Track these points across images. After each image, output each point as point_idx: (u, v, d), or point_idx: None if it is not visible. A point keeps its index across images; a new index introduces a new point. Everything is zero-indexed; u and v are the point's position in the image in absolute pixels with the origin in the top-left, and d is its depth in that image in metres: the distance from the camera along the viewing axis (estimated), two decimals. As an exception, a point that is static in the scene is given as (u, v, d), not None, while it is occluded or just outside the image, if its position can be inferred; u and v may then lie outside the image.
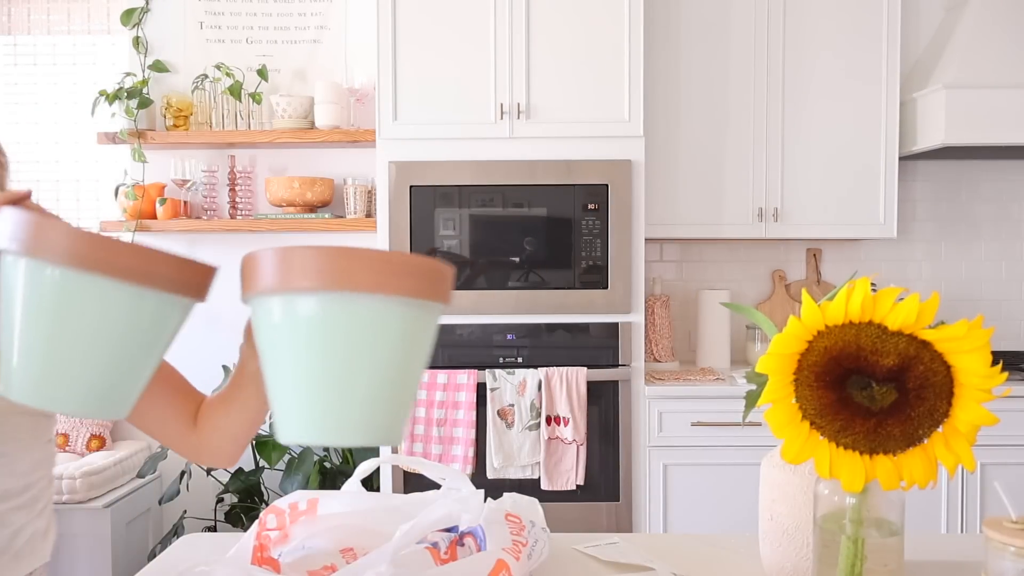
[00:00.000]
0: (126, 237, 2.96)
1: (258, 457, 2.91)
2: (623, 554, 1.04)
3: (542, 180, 2.66)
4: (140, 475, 2.91)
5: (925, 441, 0.71)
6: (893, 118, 2.92)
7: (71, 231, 0.66)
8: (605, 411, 2.68)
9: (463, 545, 0.88)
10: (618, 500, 2.68)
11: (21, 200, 0.75)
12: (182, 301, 0.73)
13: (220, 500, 3.02)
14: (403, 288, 0.65)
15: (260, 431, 2.95)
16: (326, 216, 3.03)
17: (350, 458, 2.96)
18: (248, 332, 0.87)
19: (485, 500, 0.93)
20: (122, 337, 0.70)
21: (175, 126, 3.10)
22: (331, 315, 0.64)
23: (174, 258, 0.70)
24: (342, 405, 0.65)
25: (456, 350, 2.68)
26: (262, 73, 3.09)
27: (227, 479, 2.93)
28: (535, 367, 2.64)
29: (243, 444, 1.01)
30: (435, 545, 0.85)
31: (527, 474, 2.63)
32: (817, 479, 0.80)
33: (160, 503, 2.99)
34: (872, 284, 0.71)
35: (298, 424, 0.66)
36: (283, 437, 0.67)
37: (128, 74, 3.11)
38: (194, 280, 0.73)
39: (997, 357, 0.69)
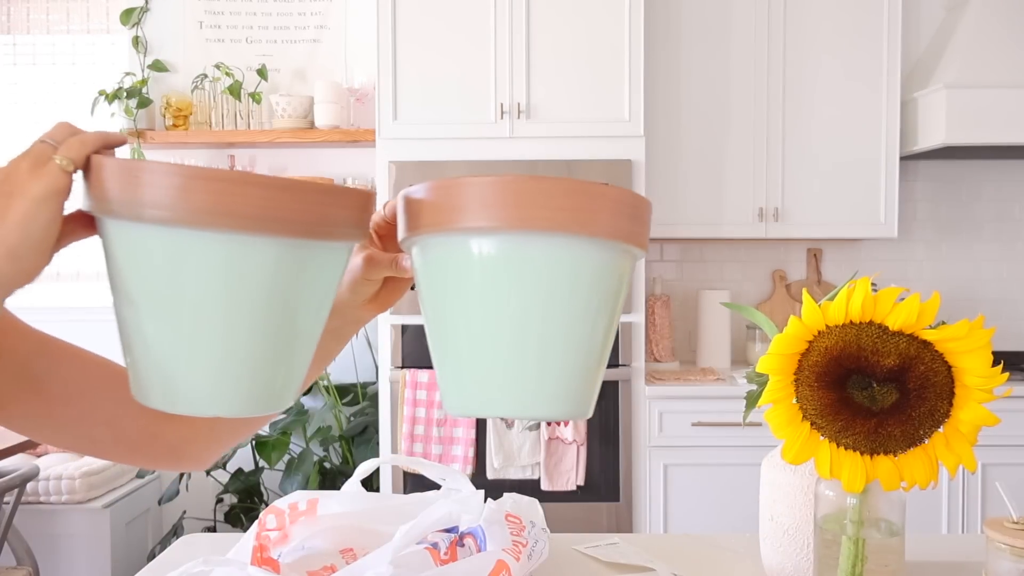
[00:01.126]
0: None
1: (258, 457, 2.91)
2: (623, 555, 1.04)
3: (542, 180, 2.65)
4: (139, 475, 2.91)
5: (926, 441, 0.71)
6: (894, 118, 2.91)
7: (182, 176, 0.49)
8: (605, 411, 2.68)
9: (463, 546, 0.88)
10: (618, 500, 2.68)
11: (116, 145, 0.57)
12: (347, 247, 0.58)
13: (220, 500, 3.02)
14: (633, 234, 0.55)
15: (259, 431, 2.95)
16: (326, 216, 3.03)
17: (350, 458, 2.96)
18: (354, 281, 0.69)
19: (485, 500, 0.92)
20: (275, 305, 0.54)
21: (175, 126, 3.10)
22: (560, 260, 0.53)
23: (334, 191, 0.54)
24: (550, 371, 0.54)
25: (456, 350, 2.67)
26: (262, 73, 3.09)
27: (227, 479, 2.93)
28: (535, 367, 2.63)
29: (245, 436, 0.82)
30: (435, 546, 0.85)
31: (527, 474, 2.62)
32: (818, 479, 0.80)
33: (159, 503, 2.99)
34: (873, 284, 0.70)
35: (489, 393, 0.55)
36: (466, 409, 0.57)
37: (127, 74, 3.11)
38: (357, 215, 0.56)
39: (998, 357, 0.69)
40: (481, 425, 2.63)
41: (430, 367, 2.65)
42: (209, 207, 0.50)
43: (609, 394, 2.67)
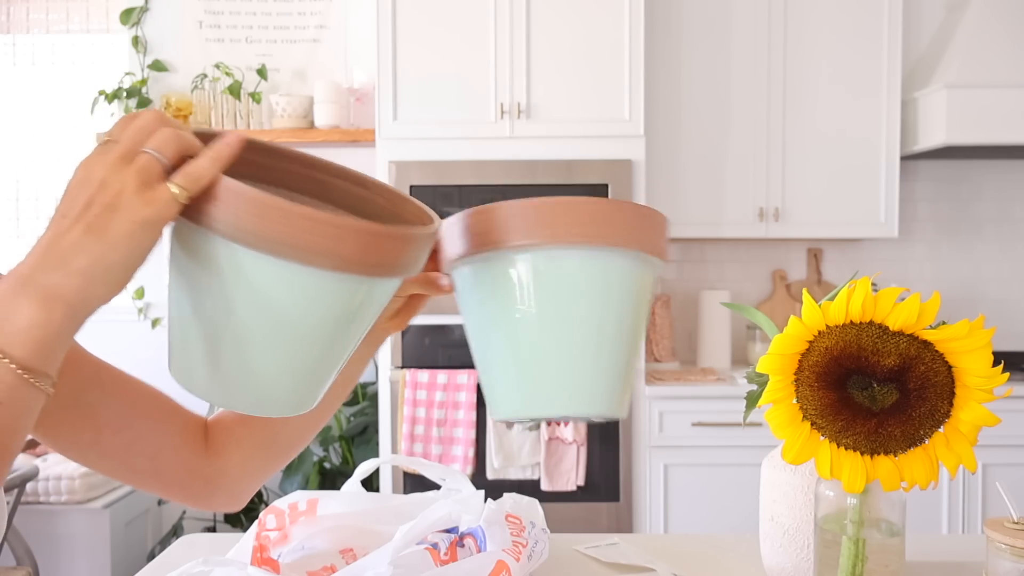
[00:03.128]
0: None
1: (258, 457, 2.91)
2: (623, 555, 1.04)
3: (542, 180, 2.65)
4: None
5: (926, 441, 0.71)
6: (894, 117, 2.91)
7: (260, 205, 0.51)
8: (605, 411, 2.67)
9: (463, 546, 0.88)
10: (618, 500, 2.68)
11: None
12: (401, 280, 0.62)
13: (220, 500, 3.01)
14: (650, 244, 0.62)
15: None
16: (326, 216, 3.03)
17: (350, 458, 2.95)
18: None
19: (485, 501, 0.92)
20: (322, 330, 0.57)
21: (175, 126, 3.09)
22: (591, 270, 0.61)
23: (417, 240, 0.58)
24: (584, 371, 0.61)
25: (456, 350, 2.67)
26: (261, 73, 3.09)
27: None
28: (535, 367, 2.63)
29: (277, 468, 0.84)
30: (435, 546, 0.85)
31: (527, 474, 2.62)
32: (818, 480, 0.80)
33: (159, 503, 2.98)
34: (873, 284, 0.70)
35: (530, 396, 0.61)
36: (510, 411, 0.62)
37: (127, 73, 3.11)
38: (424, 255, 0.61)
39: (999, 357, 0.69)
40: (481, 425, 2.62)
41: (430, 367, 2.65)
42: (308, 245, 0.52)
43: (609, 394, 2.66)
